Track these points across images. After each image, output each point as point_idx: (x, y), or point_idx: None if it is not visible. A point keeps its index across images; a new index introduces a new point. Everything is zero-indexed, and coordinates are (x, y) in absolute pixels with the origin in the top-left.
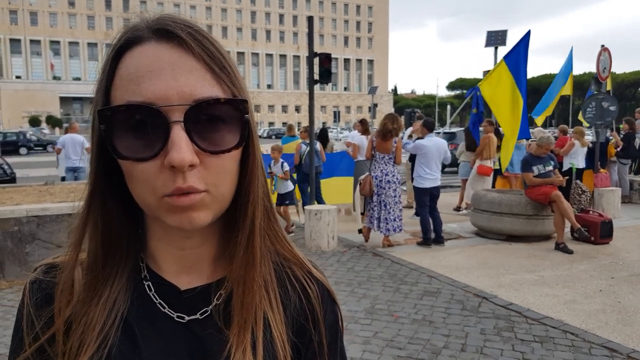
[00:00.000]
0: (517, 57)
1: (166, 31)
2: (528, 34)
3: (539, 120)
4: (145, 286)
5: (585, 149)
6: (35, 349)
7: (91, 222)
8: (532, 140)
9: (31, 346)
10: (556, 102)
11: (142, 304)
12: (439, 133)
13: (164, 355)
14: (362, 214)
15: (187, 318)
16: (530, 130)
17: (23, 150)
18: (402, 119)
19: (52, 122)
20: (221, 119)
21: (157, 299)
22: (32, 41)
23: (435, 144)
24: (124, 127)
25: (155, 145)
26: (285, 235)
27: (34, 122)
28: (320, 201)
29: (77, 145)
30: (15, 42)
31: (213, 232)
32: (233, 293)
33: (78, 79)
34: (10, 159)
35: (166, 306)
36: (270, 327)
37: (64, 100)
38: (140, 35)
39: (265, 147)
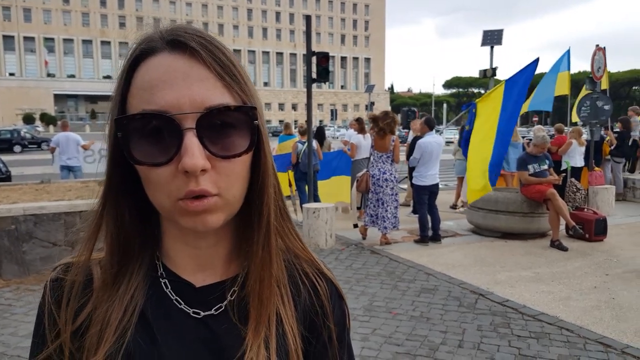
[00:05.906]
0: (517, 83)
1: (179, 42)
2: (536, 61)
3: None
4: (162, 283)
5: (583, 148)
6: (57, 345)
7: (104, 223)
8: (528, 139)
9: (53, 343)
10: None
11: (159, 300)
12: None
13: (180, 349)
14: (359, 208)
15: (202, 314)
16: (530, 129)
17: (17, 148)
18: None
19: (47, 119)
20: (231, 125)
21: (173, 296)
22: (25, 38)
23: (435, 141)
24: (139, 134)
25: (169, 151)
26: (298, 233)
27: (28, 119)
28: (317, 200)
29: (71, 143)
30: (8, 39)
31: (227, 232)
32: (250, 290)
33: (72, 76)
34: (5, 157)
35: (182, 302)
36: (283, 322)
37: (58, 98)
38: (155, 46)
39: None
